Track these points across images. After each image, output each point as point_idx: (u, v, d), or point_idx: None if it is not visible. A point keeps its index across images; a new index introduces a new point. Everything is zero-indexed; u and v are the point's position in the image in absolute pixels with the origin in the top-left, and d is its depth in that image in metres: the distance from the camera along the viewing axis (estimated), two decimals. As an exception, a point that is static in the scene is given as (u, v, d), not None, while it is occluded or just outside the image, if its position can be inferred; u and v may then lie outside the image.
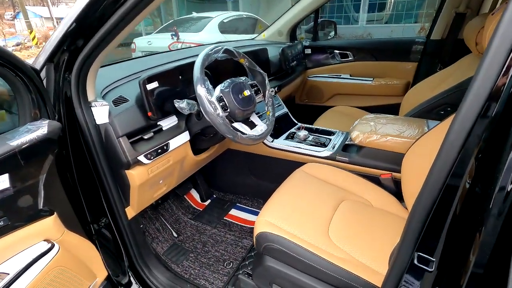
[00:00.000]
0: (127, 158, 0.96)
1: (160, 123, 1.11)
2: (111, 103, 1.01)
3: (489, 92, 0.47)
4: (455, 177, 0.53)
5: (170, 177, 1.24)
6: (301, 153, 1.45)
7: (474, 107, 0.49)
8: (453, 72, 1.61)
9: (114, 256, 1.16)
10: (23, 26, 13.22)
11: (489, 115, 0.49)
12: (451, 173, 0.53)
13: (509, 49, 0.45)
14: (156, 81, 1.05)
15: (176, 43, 4.89)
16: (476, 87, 0.48)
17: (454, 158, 0.52)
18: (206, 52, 1.03)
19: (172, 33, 4.97)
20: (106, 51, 0.88)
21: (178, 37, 4.94)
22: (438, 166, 0.55)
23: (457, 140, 0.52)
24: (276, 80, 1.82)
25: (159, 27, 6.34)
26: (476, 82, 0.48)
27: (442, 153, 0.54)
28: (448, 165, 0.53)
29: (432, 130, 1.07)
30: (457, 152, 0.52)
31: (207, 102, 0.96)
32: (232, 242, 1.46)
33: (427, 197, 0.57)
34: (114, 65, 1.34)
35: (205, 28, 5.25)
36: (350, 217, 1.06)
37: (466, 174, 0.53)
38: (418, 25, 7.75)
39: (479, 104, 0.48)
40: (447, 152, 0.53)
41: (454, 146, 0.52)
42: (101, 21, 0.79)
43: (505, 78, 0.46)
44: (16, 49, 10.69)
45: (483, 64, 0.47)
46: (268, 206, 1.10)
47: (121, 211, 1.09)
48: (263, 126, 1.16)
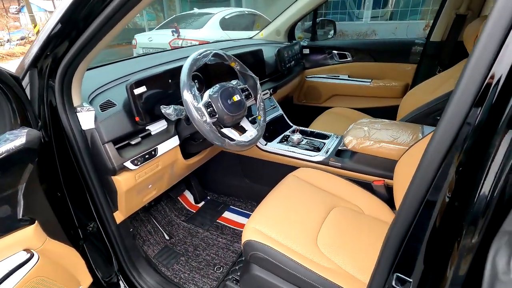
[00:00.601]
0: (113, 164, 0.95)
1: (148, 128, 1.09)
2: (98, 107, 0.99)
3: (472, 99, 0.44)
4: (434, 191, 0.51)
5: (160, 181, 1.23)
6: (294, 157, 1.44)
7: (456, 116, 0.46)
8: (452, 75, 1.58)
9: (103, 259, 1.16)
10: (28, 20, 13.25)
11: (471, 124, 0.45)
12: (431, 187, 0.51)
13: (495, 53, 0.42)
14: (144, 85, 1.04)
15: (177, 40, 4.86)
16: (460, 93, 0.45)
17: (434, 171, 0.50)
18: (194, 57, 1.01)
19: (173, 29, 4.94)
20: (92, 54, 0.86)
21: (178, 34, 4.91)
22: (417, 181, 0.53)
23: (438, 152, 0.49)
24: (272, 81, 1.80)
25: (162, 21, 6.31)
26: (459, 88, 0.45)
27: (422, 167, 0.52)
28: (427, 180, 0.51)
29: (425, 138, 1.04)
30: (438, 164, 0.49)
31: (194, 109, 0.94)
32: (223, 245, 1.45)
33: (405, 216, 0.55)
34: (104, 67, 1.33)
35: (206, 25, 5.21)
36: (340, 225, 1.05)
37: (446, 188, 0.50)
38: (423, 22, 7.62)
39: (461, 113, 0.45)
40: (427, 165, 0.50)
41: (434, 159, 0.50)
42: (87, 21, 0.77)
43: (490, 84, 0.43)
44: (20, 43, 10.72)
45: (466, 70, 0.44)
46: (257, 213, 1.09)
47: (109, 216, 1.09)
48: (253, 131, 1.14)
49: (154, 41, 5.13)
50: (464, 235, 0.46)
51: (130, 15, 0.78)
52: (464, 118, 0.45)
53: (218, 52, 1.08)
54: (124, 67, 1.39)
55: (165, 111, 1.00)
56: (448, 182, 0.48)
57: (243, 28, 5.98)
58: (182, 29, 5.18)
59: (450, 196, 0.49)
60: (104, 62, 1.39)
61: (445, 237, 0.51)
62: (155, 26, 7.18)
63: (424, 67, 1.97)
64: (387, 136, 1.25)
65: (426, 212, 0.51)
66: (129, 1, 0.72)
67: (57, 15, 0.79)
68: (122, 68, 1.36)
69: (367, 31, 8.54)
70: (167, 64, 1.41)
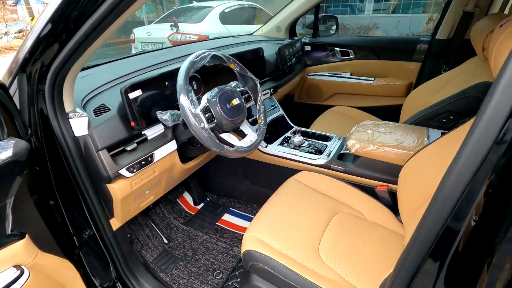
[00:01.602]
0: (107, 172, 0.92)
1: (145, 133, 1.05)
2: (91, 112, 0.96)
3: (510, 110, 0.39)
4: (459, 213, 0.46)
5: (158, 186, 1.20)
6: (295, 160, 1.40)
7: (489, 129, 0.41)
8: (458, 75, 1.53)
9: (100, 267, 1.13)
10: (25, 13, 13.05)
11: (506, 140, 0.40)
12: (455, 209, 0.46)
13: None
14: (139, 89, 1.00)
15: (176, 34, 4.77)
16: (494, 102, 0.40)
17: (460, 191, 0.45)
18: (191, 59, 0.96)
19: (172, 23, 4.85)
20: (85, 57, 0.81)
21: (177, 28, 4.82)
22: (439, 200, 0.49)
23: (466, 170, 0.44)
24: (272, 80, 1.75)
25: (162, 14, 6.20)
26: (494, 96, 0.40)
27: (445, 185, 0.47)
28: (451, 200, 0.47)
29: (432, 144, 1.00)
30: (464, 184, 0.45)
31: (191, 115, 0.90)
32: (223, 250, 1.43)
33: (423, 238, 0.51)
34: (98, 68, 1.28)
35: (205, 19, 5.12)
36: (343, 232, 1.02)
37: (473, 210, 0.46)
38: (426, 16, 7.50)
39: (495, 126, 0.40)
40: (452, 185, 0.46)
41: (461, 178, 0.45)
42: (79, 21, 0.71)
43: None
44: (18, 36, 10.58)
45: (503, 76, 0.39)
46: (257, 220, 1.06)
47: (105, 223, 1.06)
48: (253, 136, 1.11)
49: (152, 36, 5.05)
50: (493, 265, 0.42)
51: (126, 15, 0.73)
52: (498, 133, 0.40)
53: (216, 53, 1.04)
54: (119, 67, 1.34)
55: (161, 117, 0.96)
56: (476, 204, 0.44)
57: (243, 21, 5.88)
58: (181, 23, 5.09)
59: (477, 219, 0.45)
60: (100, 57, 1.35)
61: (469, 265, 0.47)
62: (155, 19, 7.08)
63: (429, 65, 1.92)
64: (391, 140, 1.21)
65: (448, 236, 0.48)
66: (123, 0, 0.67)
67: (46, 15, 0.74)
68: (117, 68, 1.31)
69: (369, 25, 8.42)
70: (164, 64, 1.37)
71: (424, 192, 0.99)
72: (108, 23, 0.72)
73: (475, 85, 1.24)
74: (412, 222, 1.00)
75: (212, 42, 1.96)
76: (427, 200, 1.00)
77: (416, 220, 1.00)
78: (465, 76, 1.46)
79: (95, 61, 1.41)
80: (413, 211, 1.03)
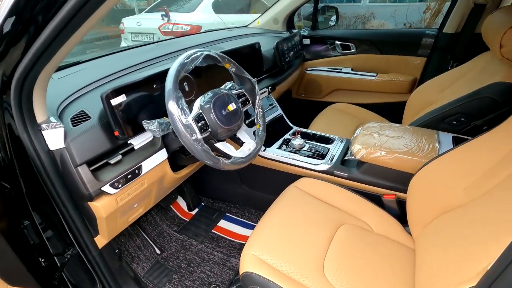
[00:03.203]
0: (88, 190, 0.81)
1: (131, 142, 0.94)
2: (69, 121, 0.84)
3: None
4: None
5: (147, 198, 1.10)
6: (296, 165, 1.31)
7: None
8: (467, 72, 1.44)
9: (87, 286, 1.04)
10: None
11: None
12: None
13: None
14: (123, 94, 0.88)
15: (167, 24, 4.58)
16: None
17: None
18: (181, 61, 0.85)
19: (163, 13, 4.64)
20: (58, 58, 0.67)
21: (169, 18, 4.62)
22: None
23: None
24: (270, 78, 1.64)
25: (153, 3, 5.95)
26: None
27: None
28: None
29: (448, 153, 0.92)
30: None
31: (181, 126, 0.80)
32: (219, 261, 1.34)
33: None
34: (78, 66, 1.16)
35: (198, 7, 4.92)
36: (348, 248, 0.94)
37: None
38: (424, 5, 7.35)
39: None
40: None
41: None
42: (49, 12, 0.56)
43: None
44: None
45: None
46: (256, 236, 0.97)
47: (88, 242, 0.96)
48: (251, 144, 1.01)
49: (143, 26, 4.84)
50: None
51: (108, 3, 0.58)
52: None
53: (210, 53, 0.92)
54: (103, 66, 1.22)
55: (148, 127, 0.85)
56: None
57: (237, 11, 5.67)
58: (173, 12, 4.88)
59: None
60: (88, 49, 1.21)
61: None
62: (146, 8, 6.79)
63: (434, 61, 1.82)
64: (400, 145, 1.13)
65: None
66: None
67: (6, 5, 0.60)
68: (101, 67, 1.19)
69: (366, 14, 8.24)
70: (153, 62, 1.25)
71: (438, 204, 0.91)
72: (86, 13, 0.58)
73: (490, 85, 1.15)
74: (425, 236, 0.93)
75: (206, 36, 1.83)
76: (441, 213, 0.92)
77: (428, 234, 0.92)
78: (475, 73, 1.37)
79: (76, 58, 1.28)
80: (425, 224, 0.96)
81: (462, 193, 0.85)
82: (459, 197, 0.85)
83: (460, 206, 0.84)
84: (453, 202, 0.86)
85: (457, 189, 0.87)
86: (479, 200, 0.77)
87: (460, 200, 0.84)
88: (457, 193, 0.86)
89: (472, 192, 0.82)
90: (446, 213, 0.88)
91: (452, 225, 0.81)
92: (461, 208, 0.83)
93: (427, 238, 0.90)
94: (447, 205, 0.88)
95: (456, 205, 0.85)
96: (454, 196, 0.87)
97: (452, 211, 0.86)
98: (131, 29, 4.91)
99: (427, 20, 6.34)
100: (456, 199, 0.86)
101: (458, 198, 0.85)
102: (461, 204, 0.84)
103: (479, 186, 0.81)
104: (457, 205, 0.85)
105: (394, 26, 7.10)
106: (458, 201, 0.85)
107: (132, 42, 4.92)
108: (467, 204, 0.81)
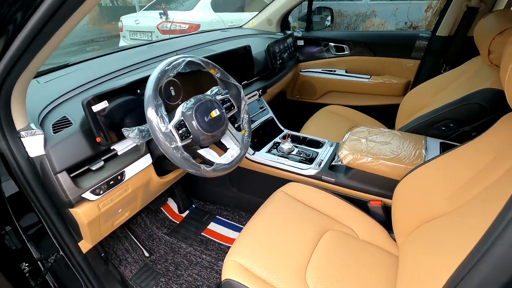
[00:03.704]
0: (68, 198, 0.81)
1: (114, 147, 0.94)
2: (50, 128, 0.84)
3: None
4: None
5: (133, 202, 1.10)
6: (284, 170, 1.31)
7: None
8: (459, 76, 1.43)
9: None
10: None
11: None
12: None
13: None
14: (105, 100, 0.88)
15: (165, 23, 4.56)
16: None
17: None
18: (162, 68, 0.84)
19: (161, 11, 4.62)
20: (38, 61, 0.65)
21: (167, 16, 4.60)
22: None
23: None
24: (261, 80, 1.63)
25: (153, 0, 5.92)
26: None
27: None
28: None
29: (432, 161, 0.92)
30: None
31: (160, 134, 0.79)
32: (207, 264, 1.35)
33: None
34: (65, 70, 1.16)
35: (196, 6, 4.89)
36: (333, 254, 0.94)
37: None
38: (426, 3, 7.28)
39: None
40: None
41: None
42: (24, 12, 0.53)
43: None
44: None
45: None
46: (240, 241, 0.97)
47: (72, 247, 0.96)
48: (235, 150, 1.00)
49: (141, 24, 4.82)
50: None
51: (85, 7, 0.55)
52: None
53: (192, 59, 0.92)
54: (92, 68, 1.22)
55: (128, 134, 0.85)
56: None
57: (236, 9, 5.64)
58: (171, 10, 4.86)
59: None
60: (85, 48, 1.20)
61: None
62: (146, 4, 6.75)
63: (428, 63, 1.81)
64: (387, 151, 1.12)
65: None
66: None
67: None
68: (89, 70, 1.19)
69: (367, 12, 8.17)
70: (141, 65, 1.24)
71: (421, 213, 0.91)
72: (68, 12, 0.54)
73: (478, 91, 1.14)
74: (407, 243, 0.92)
75: (198, 37, 1.82)
76: (424, 222, 0.92)
77: (412, 242, 0.92)
78: (467, 77, 1.36)
79: (75, 56, 1.27)
80: (409, 232, 0.96)
81: (444, 202, 0.85)
82: (441, 206, 0.85)
83: (441, 215, 0.84)
84: (435, 211, 0.86)
85: (439, 198, 0.86)
86: (457, 212, 0.76)
87: (441, 210, 0.84)
88: (439, 202, 0.86)
89: (453, 201, 0.82)
90: (428, 221, 0.88)
91: (432, 234, 0.81)
92: (441, 218, 0.82)
93: (409, 246, 0.89)
94: (429, 213, 0.88)
95: (438, 214, 0.85)
96: (436, 205, 0.86)
97: (434, 220, 0.85)
98: (129, 27, 4.90)
99: (428, 19, 6.28)
100: (438, 208, 0.85)
101: (440, 207, 0.85)
102: (443, 213, 0.83)
103: (459, 196, 0.81)
104: (439, 214, 0.85)
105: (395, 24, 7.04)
106: (440, 210, 0.84)
107: (130, 40, 4.92)
108: (447, 214, 0.81)
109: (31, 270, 0.94)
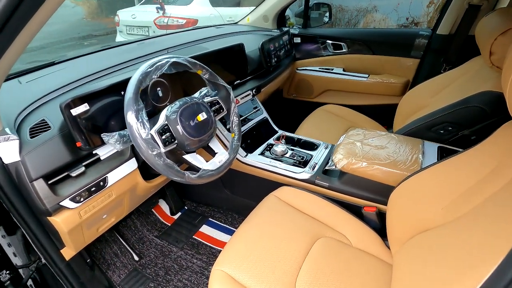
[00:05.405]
0: (45, 206, 0.78)
1: (97, 152, 0.90)
2: (26, 132, 0.80)
3: None
4: None
5: (119, 208, 1.06)
6: (277, 173, 1.27)
7: None
8: (459, 77, 1.38)
9: None
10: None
11: None
12: None
13: None
14: (86, 103, 0.83)
15: (162, 18, 4.48)
16: None
17: None
18: (144, 70, 0.80)
19: (158, 6, 4.54)
20: (8, 60, 0.59)
21: (164, 11, 4.52)
22: None
23: None
24: (255, 79, 1.58)
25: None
26: None
27: None
28: None
29: (429, 169, 0.88)
30: None
31: (140, 141, 0.75)
32: (197, 269, 1.31)
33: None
34: (47, 69, 1.11)
35: (194, 0, 4.81)
36: (324, 263, 0.91)
37: None
38: (428, -2, 7.17)
39: None
40: None
41: None
42: None
43: None
44: None
45: None
46: (228, 249, 0.94)
47: (54, 255, 0.93)
48: (224, 155, 0.96)
49: (137, 19, 4.74)
50: None
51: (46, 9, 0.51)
52: None
53: (177, 60, 0.87)
54: (78, 67, 1.17)
55: (108, 140, 0.81)
56: None
57: (234, 3, 5.55)
58: (169, 4, 4.78)
59: None
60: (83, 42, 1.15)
61: None
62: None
63: (427, 63, 1.75)
64: (382, 156, 1.08)
65: None
66: None
67: None
68: (75, 69, 1.14)
69: (368, 7, 8.06)
70: (129, 64, 1.20)
71: (417, 221, 0.87)
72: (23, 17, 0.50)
73: (479, 93, 1.09)
74: (402, 253, 0.89)
75: (190, 34, 1.77)
76: (420, 231, 0.88)
77: (407, 252, 0.88)
78: (467, 78, 1.31)
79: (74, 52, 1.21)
80: (404, 241, 0.92)
81: (440, 212, 0.81)
82: (437, 216, 0.81)
83: (437, 226, 0.80)
84: (431, 221, 0.82)
85: (436, 208, 0.83)
86: (455, 223, 0.73)
87: (438, 220, 0.80)
88: (436, 211, 0.82)
89: (450, 212, 0.78)
90: (424, 232, 0.84)
91: (427, 246, 0.77)
92: (438, 228, 0.79)
93: (404, 256, 0.86)
94: (425, 223, 0.84)
95: (434, 224, 0.81)
96: (432, 215, 0.83)
97: (430, 230, 0.82)
98: (126, 21, 4.82)
99: (430, 15, 6.19)
100: (435, 218, 0.82)
101: (437, 217, 0.81)
102: (439, 224, 0.80)
103: (457, 206, 0.77)
104: (435, 224, 0.81)
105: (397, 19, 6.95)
106: (436, 220, 0.81)
107: (127, 35, 4.84)
108: (445, 225, 0.77)
109: (12, 278, 0.91)
